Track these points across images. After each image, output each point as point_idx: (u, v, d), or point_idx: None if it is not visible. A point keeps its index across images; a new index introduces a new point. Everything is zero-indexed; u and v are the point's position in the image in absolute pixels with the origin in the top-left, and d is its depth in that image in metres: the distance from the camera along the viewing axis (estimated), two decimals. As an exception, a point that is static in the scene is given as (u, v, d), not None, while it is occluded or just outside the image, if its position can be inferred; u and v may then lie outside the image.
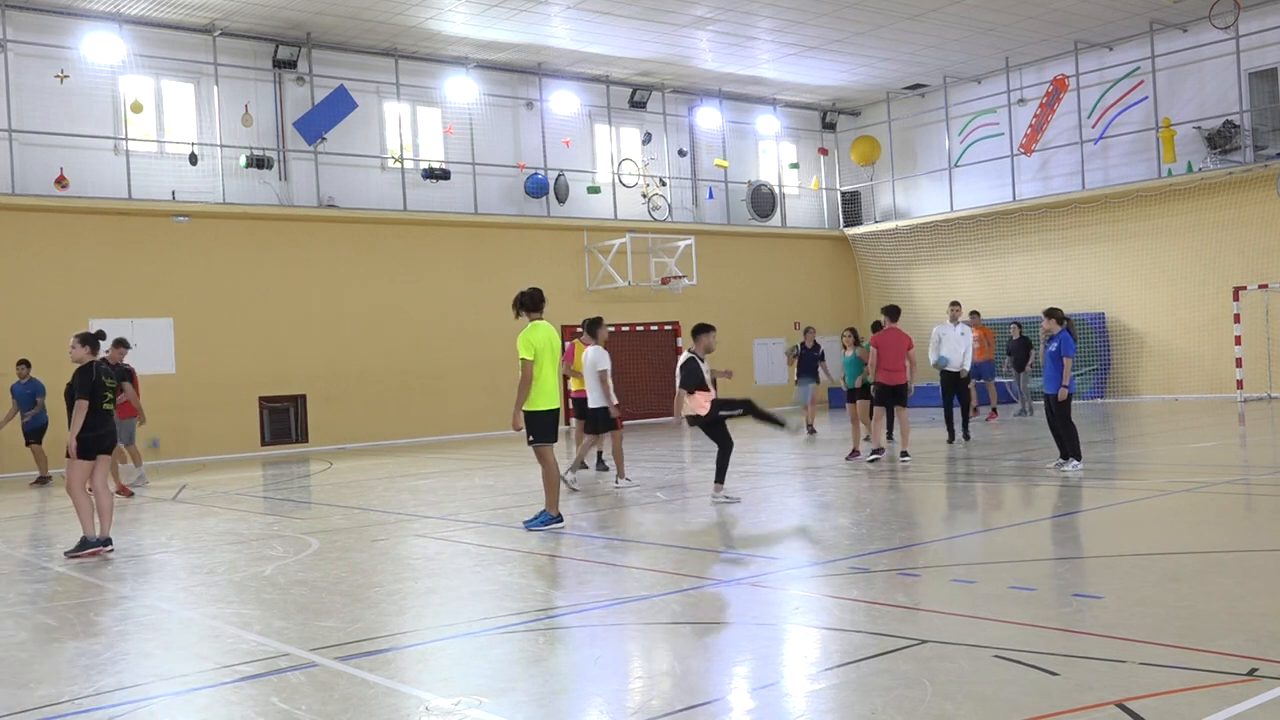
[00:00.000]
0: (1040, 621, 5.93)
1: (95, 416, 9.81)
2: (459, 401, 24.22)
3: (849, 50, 25.68)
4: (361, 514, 12.01)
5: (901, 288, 29.63)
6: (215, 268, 21.62)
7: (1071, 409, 12.54)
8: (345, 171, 23.46)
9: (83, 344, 10.05)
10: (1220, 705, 4.42)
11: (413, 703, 5.09)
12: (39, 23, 20.29)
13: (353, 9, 21.24)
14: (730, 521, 10.37)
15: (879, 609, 6.39)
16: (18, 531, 12.19)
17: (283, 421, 22.45)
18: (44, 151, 20.22)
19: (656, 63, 26.02)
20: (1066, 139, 26.82)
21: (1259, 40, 23.81)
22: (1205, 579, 6.94)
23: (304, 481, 16.74)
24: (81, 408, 9.74)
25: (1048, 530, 9.20)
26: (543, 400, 10.07)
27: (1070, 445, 12.47)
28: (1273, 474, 12.21)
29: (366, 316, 23.22)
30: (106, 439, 9.98)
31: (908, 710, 4.58)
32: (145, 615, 7.38)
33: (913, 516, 10.42)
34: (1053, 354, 12.39)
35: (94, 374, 9.85)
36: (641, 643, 6.12)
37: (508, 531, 10.17)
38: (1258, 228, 23.56)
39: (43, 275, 19.91)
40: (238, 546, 10.13)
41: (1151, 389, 25.55)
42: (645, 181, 27.76)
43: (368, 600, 7.40)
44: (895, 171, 30.37)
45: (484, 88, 25.21)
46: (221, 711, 5.18)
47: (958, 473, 13.60)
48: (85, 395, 9.76)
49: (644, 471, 15.15)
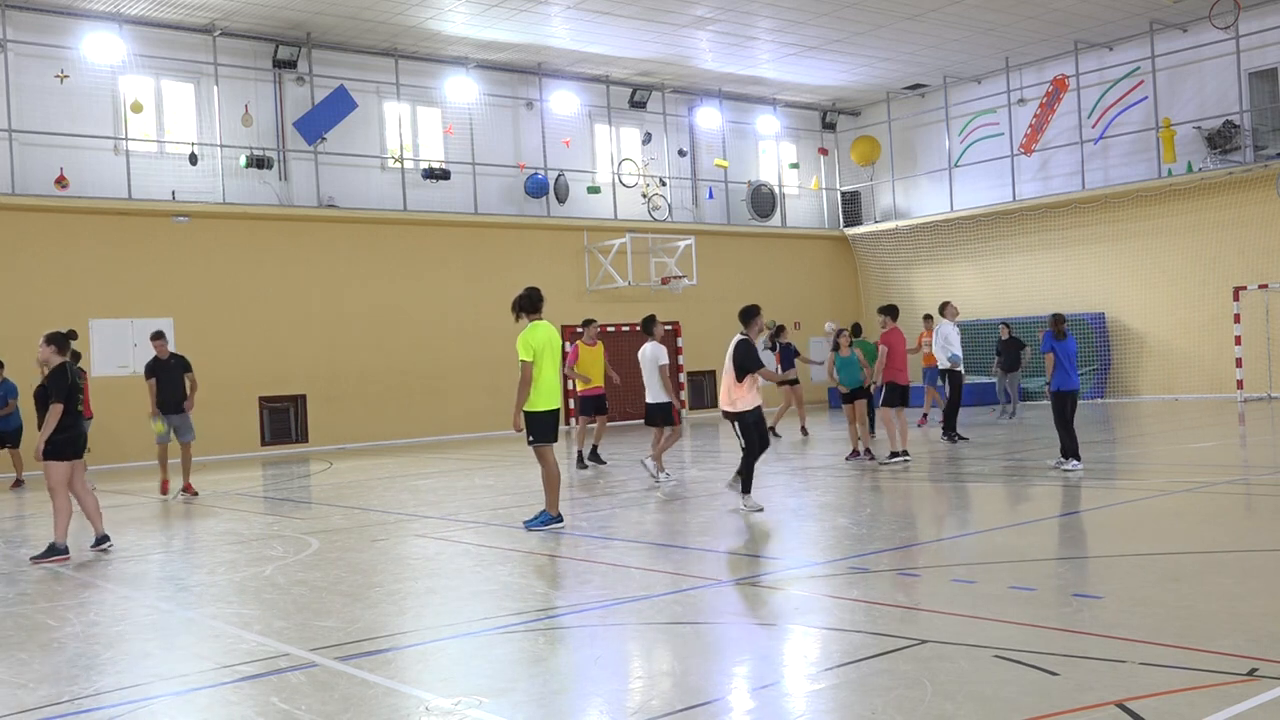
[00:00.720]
0: (1040, 621, 5.93)
1: (68, 417, 9.70)
2: (459, 401, 24.22)
3: (849, 50, 25.68)
4: (361, 514, 12.01)
5: (901, 288, 29.63)
6: (215, 268, 21.62)
7: (1066, 408, 12.50)
8: (345, 171, 23.46)
9: (49, 344, 9.88)
10: (1220, 705, 4.42)
11: (413, 703, 5.09)
12: (39, 23, 20.30)
13: (353, 9, 21.24)
14: (730, 522, 10.36)
15: (879, 609, 6.39)
16: (17, 532, 12.19)
17: (283, 421, 22.45)
18: (44, 151, 20.22)
19: (656, 63, 26.02)
20: (1066, 139, 26.82)
21: (1259, 40, 23.82)
22: (1205, 579, 6.94)
23: (304, 481, 16.73)
24: (56, 411, 9.58)
25: (1047, 530, 9.19)
26: (543, 401, 10.07)
27: (1065, 444, 12.51)
28: (1273, 474, 12.21)
29: (366, 316, 23.22)
30: (80, 440, 9.89)
31: (908, 710, 4.58)
32: (145, 615, 7.38)
33: (913, 516, 10.42)
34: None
35: (68, 376, 9.71)
36: (641, 643, 6.12)
37: (508, 531, 10.17)
38: (1258, 228, 23.56)
39: (43, 275, 19.91)
40: (238, 546, 10.12)
41: (1151, 389, 25.55)
42: (645, 181, 27.77)
43: (368, 600, 7.40)
44: (895, 171, 30.38)
45: (484, 88, 25.21)
46: (221, 711, 5.17)
47: (957, 473, 13.59)
48: (60, 399, 9.59)
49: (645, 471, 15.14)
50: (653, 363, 13.82)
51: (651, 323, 14.21)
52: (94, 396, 19.86)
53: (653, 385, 13.84)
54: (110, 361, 20.17)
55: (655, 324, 14.23)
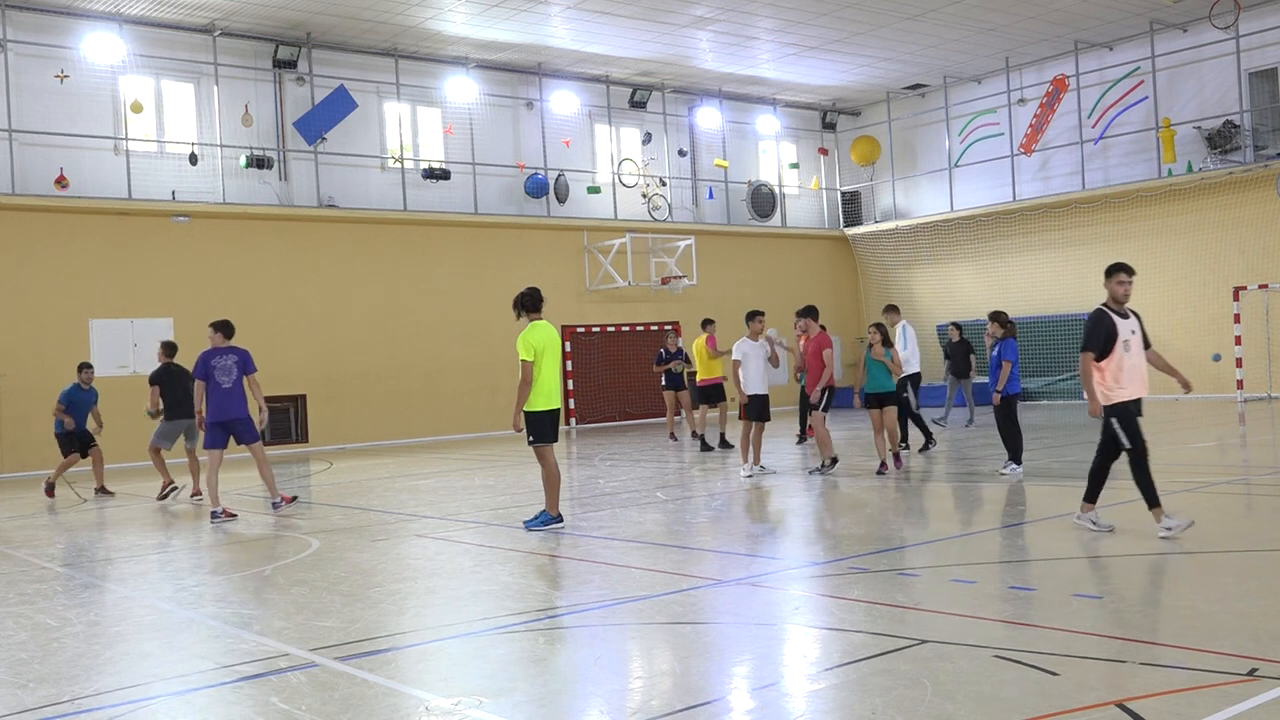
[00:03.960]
0: (1040, 621, 5.93)
1: None
2: (459, 401, 24.22)
3: (849, 50, 25.68)
4: (361, 514, 12.01)
5: (901, 288, 29.63)
6: (215, 268, 21.62)
7: (1016, 412, 12.50)
8: (345, 171, 23.45)
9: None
10: (1220, 705, 4.42)
11: (413, 703, 5.09)
12: (39, 23, 20.29)
13: (353, 9, 21.24)
14: (730, 522, 10.37)
15: (879, 609, 6.39)
16: (17, 532, 12.19)
17: (283, 421, 22.44)
18: (44, 151, 20.22)
19: (656, 63, 26.02)
20: (1066, 139, 26.81)
21: (1259, 40, 23.81)
22: (1205, 579, 6.94)
23: (304, 481, 16.73)
24: None
25: (1047, 530, 9.19)
26: (542, 401, 10.06)
27: (1011, 448, 12.49)
28: (1273, 474, 12.21)
29: (366, 316, 23.21)
30: None
31: (908, 710, 4.58)
32: (145, 615, 7.38)
33: (913, 516, 10.42)
34: (996, 358, 12.45)
35: None
36: (641, 643, 6.12)
37: (508, 531, 10.17)
38: (1258, 228, 23.56)
39: (43, 275, 19.91)
40: (238, 546, 10.12)
41: (1151, 389, 25.46)
42: (645, 181, 27.76)
43: (368, 600, 7.40)
44: (895, 171, 30.37)
45: (484, 88, 25.20)
46: (221, 711, 5.17)
47: (957, 473, 13.59)
48: None
49: (645, 471, 15.16)
50: (763, 351, 13.82)
51: (753, 317, 14.10)
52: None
53: (756, 378, 13.72)
54: (110, 362, 20.15)
55: (754, 319, 13.95)
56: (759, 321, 13.89)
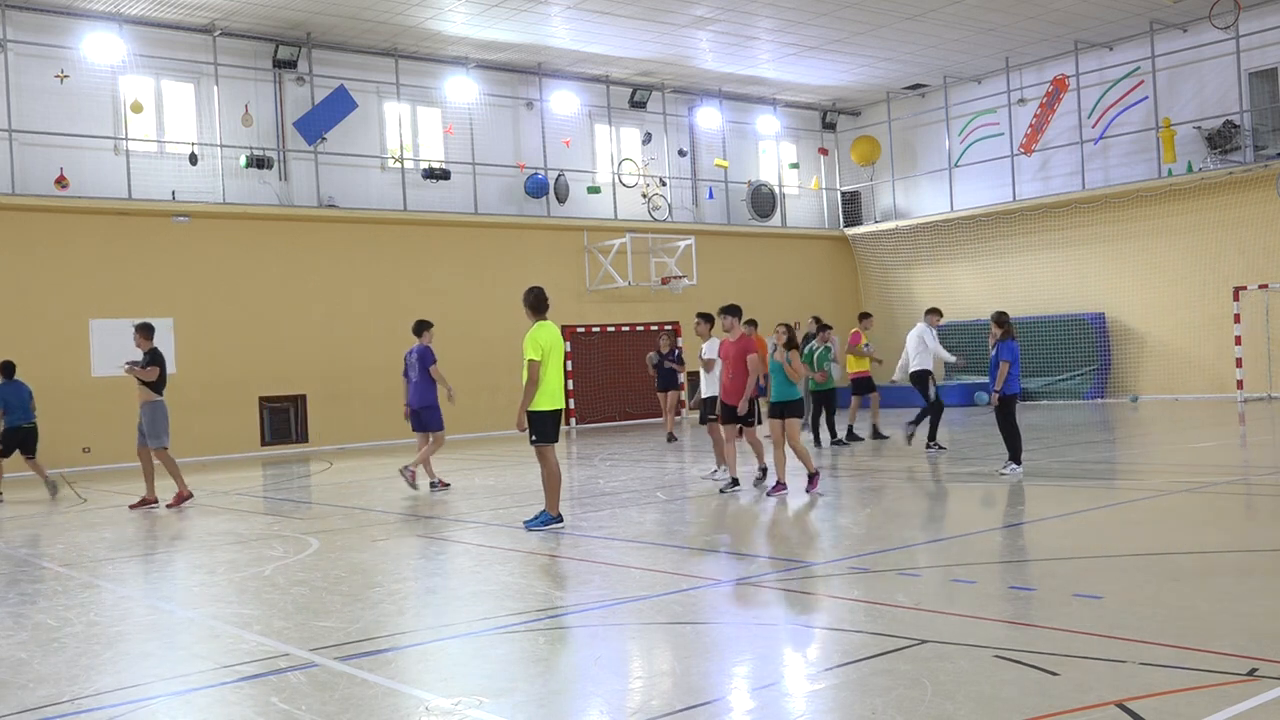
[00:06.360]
0: (1040, 621, 5.93)
1: None
2: (459, 401, 24.13)
3: (849, 50, 25.68)
4: (361, 514, 12.01)
5: (901, 288, 29.63)
6: (215, 268, 21.61)
7: (1015, 412, 12.52)
8: (345, 171, 23.45)
9: None
10: (1220, 705, 4.42)
11: (413, 703, 5.09)
12: (39, 23, 20.29)
13: (353, 9, 21.24)
14: (731, 521, 10.37)
15: (879, 609, 6.39)
16: (17, 532, 12.19)
17: (283, 421, 22.44)
18: (44, 151, 20.22)
19: (656, 63, 26.01)
20: (1066, 139, 26.81)
21: (1259, 40, 23.81)
22: (1205, 579, 6.94)
23: (304, 481, 16.74)
24: None
25: (1047, 530, 9.19)
26: (545, 401, 10.06)
27: (1011, 448, 12.50)
28: (1273, 474, 12.21)
29: (366, 316, 23.20)
30: None
31: (908, 710, 4.58)
32: (145, 615, 7.38)
33: (913, 517, 10.41)
34: (995, 359, 12.47)
35: None
36: (641, 643, 6.12)
37: (508, 531, 10.17)
38: (1258, 228, 23.56)
39: (43, 275, 19.90)
40: (238, 546, 10.12)
41: (1152, 389, 25.53)
42: (645, 181, 27.76)
43: (368, 600, 7.40)
44: (895, 171, 30.37)
45: (484, 88, 25.20)
46: (221, 711, 5.17)
47: (957, 474, 13.59)
48: None
49: (645, 471, 15.16)
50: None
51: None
52: (94, 396, 19.93)
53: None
54: (110, 362, 20.11)
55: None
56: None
